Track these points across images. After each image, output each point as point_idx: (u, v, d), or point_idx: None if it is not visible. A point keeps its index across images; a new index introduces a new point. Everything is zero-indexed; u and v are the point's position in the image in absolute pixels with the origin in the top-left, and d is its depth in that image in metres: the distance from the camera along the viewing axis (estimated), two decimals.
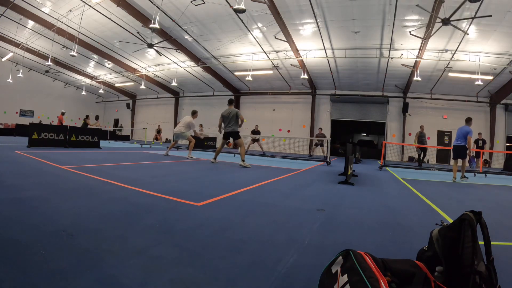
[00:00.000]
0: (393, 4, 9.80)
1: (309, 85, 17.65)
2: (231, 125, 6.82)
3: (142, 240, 1.52)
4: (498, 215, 2.94)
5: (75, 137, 9.14)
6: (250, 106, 20.21)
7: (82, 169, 4.15)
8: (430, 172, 8.77)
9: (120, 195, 2.62)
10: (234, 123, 6.81)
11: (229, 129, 6.85)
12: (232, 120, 6.80)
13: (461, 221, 0.95)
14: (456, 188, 5.27)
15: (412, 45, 12.10)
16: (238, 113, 6.85)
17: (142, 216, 2.00)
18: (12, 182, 2.85)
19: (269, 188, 3.70)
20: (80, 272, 1.11)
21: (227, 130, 6.88)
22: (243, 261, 1.35)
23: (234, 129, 6.83)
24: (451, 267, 0.94)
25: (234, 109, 6.91)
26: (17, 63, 20.17)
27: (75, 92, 26.04)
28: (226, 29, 13.31)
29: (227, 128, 6.88)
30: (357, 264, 0.86)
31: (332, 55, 13.90)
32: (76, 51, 14.39)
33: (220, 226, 1.89)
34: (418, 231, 2.11)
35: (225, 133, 6.96)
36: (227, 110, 6.93)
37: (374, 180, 5.60)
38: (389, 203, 3.25)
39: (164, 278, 1.12)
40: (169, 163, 6.21)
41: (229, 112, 6.85)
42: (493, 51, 11.87)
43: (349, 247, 1.01)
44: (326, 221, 2.20)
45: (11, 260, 1.17)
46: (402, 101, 16.74)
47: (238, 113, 6.86)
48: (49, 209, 2.00)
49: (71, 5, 12.70)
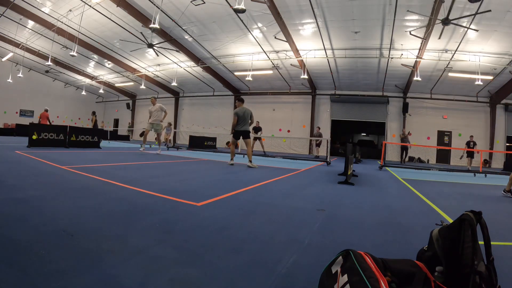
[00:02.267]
0: (393, 4, 9.80)
1: (309, 85, 17.65)
2: (245, 125, 6.76)
3: (142, 240, 1.52)
4: (498, 215, 2.94)
5: (75, 137, 9.13)
6: (250, 106, 19.95)
7: (82, 169, 4.15)
8: (430, 172, 8.77)
9: (120, 195, 2.62)
10: (248, 123, 6.79)
11: (243, 128, 6.76)
12: (247, 120, 6.77)
13: (461, 221, 0.95)
14: (456, 188, 5.27)
15: (412, 45, 12.11)
16: (251, 113, 6.86)
17: (142, 216, 2.00)
18: (12, 182, 2.84)
19: (269, 188, 3.70)
20: (80, 272, 1.11)
21: (241, 129, 6.76)
22: (243, 261, 1.35)
23: (247, 128, 6.78)
24: (451, 267, 0.94)
25: (248, 109, 6.87)
26: (17, 63, 20.17)
27: (75, 92, 26.05)
28: (226, 29, 13.31)
29: (242, 127, 6.76)
30: (357, 264, 0.86)
31: (332, 55, 13.90)
32: (76, 51, 14.40)
33: (220, 226, 1.89)
34: (418, 231, 2.11)
35: (237, 132, 6.82)
36: (241, 109, 6.79)
37: (374, 180, 5.60)
38: (389, 203, 3.25)
39: (164, 278, 1.12)
40: (169, 163, 6.21)
41: (244, 111, 6.77)
42: (493, 51, 11.87)
43: (349, 247, 1.01)
44: (326, 221, 2.20)
45: (11, 260, 1.17)
46: (402, 101, 16.74)
47: (251, 113, 6.87)
48: (49, 209, 2.00)
49: (71, 5, 12.71)
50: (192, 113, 23.40)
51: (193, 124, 22.88)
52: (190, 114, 23.47)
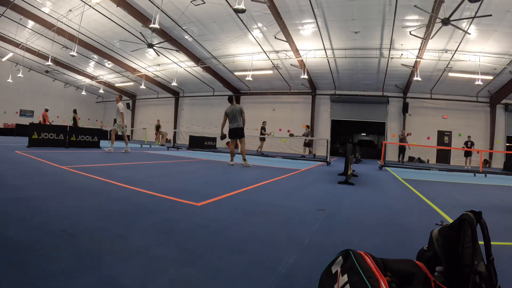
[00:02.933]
0: (393, 4, 9.80)
1: (309, 85, 17.65)
2: (235, 121, 6.72)
3: (142, 240, 1.52)
4: (498, 215, 2.94)
5: (75, 137, 9.14)
6: (250, 106, 20.21)
7: (82, 169, 4.15)
8: (430, 172, 8.77)
9: (120, 195, 2.62)
10: (239, 119, 6.73)
11: (234, 125, 6.75)
12: (237, 116, 6.72)
13: (461, 221, 0.95)
14: (456, 188, 5.27)
15: (412, 45, 12.10)
16: (242, 109, 6.76)
17: (142, 216, 2.00)
18: (12, 182, 2.85)
19: (269, 188, 3.70)
20: (80, 272, 1.11)
21: (232, 126, 6.76)
22: (243, 261, 1.35)
23: (239, 124, 6.73)
24: (451, 267, 0.94)
25: (237, 105, 6.82)
26: (17, 63, 20.17)
27: (75, 92, 26.05)
28: (226, 29, 13.31)
29: (232, 125, 6.76)
30: (357, 264, 0.86)
31: (332, 55, 13.90)
32: (76, 51, 14.40)
33: (220, 226, 1.89)
34: (418, 231, 2.11)
35: (230, 131, 6.82)
36: (229, 108, 6.82)
37: (374, 180, 5.60)
38: (389, 203, 3.25)
39: (164, 278, 1.12)
40: (169, 163, 6.21)
41: (233, 109, 6.76)
42: (493, 51, 11.87)
43: (349, 247, 1.01)
44: (326, 221, 2.20)
45: (11, 260, 1.17)
46: (402, 101, 16.74)
47: (242, 109, 6.77)
48: (49, 209, 2.00)
49: (71, 5, 12.70)
50: (192, 113, 23.40)
51: (193, 124, 22.88)
52: (190, 114, 23.47)
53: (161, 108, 24.83)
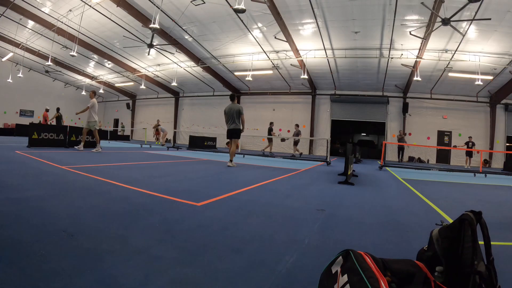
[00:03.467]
0: (393, 4, 9.80)
1: (309, 85, 17.65)
2: (233, 122, 6.49)
3: (142, 240, 1.52)
4: (498, 215, 2.94)
5: (75, 137, 9.14)
6: (250, 106, 20.21)
7: (82, 169, 4.15)
8: (430, 172, 8.77)
9: (120, 195, 2.62)
10: (236, 120, 6.48)
11: (231, 126, 6.52)
12: (234, 117, 6.46)
13: (461, 221, 0.95)
14: (456, 188, 5.27)
15: (412, 45, 12.10)
16: (240, 110, 6.48)
17: (142, 216, 2.00)
18: (12, 182, 2.84)
19: (269, 188, 3.70)
20: (80, 272, 1.11)
21: (230, 127, 6.54)
22: (243, 261, 1.35)
23: (236, 126, 6.50)
24: (451, 267, 0.94)
25: (236, 105, 6.55)
26: (17, 63, 20.17)
27: (75, 92, 26.05)
28: (226, 29, 13.31)
29: (230, 125, 6.53)
30: (357, 264, 0.86)
31: (332, 55, 13.90)
32: (76, 51, 14.40)
33: (220, 226, 1.89)
34: (418, 231, 2.11)
35: (228, 131, 6.61)
36: (228, 106, 6.58)
37: (374, 180, 5.60)
38: (389, 203, 3.25)
39: (164, 278, 1.12)
40: (169, 163, 6.21)
41: (230, 108, 6.52)
42: (493, 51, 11.87)
43: (349, 247, 1.01)
44: (326, 221, 2.20)
45: (11, 260, 1.17)
46: (402, 101, 16.74)
47: (240, 109, 6.48)
48: (49, 209, 2.00)
49: (71, 5, 12.70)
50: (192, 113, 23.40)
51: (193, 124, 22.88)
52: (190, 114, 23.47)
53: (161, 108, 24.83)
